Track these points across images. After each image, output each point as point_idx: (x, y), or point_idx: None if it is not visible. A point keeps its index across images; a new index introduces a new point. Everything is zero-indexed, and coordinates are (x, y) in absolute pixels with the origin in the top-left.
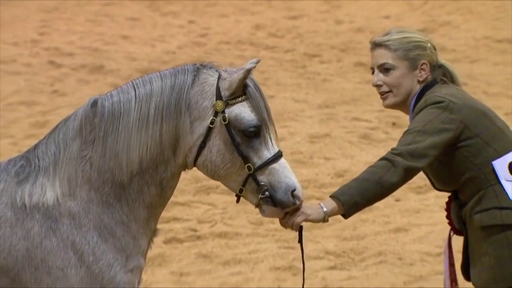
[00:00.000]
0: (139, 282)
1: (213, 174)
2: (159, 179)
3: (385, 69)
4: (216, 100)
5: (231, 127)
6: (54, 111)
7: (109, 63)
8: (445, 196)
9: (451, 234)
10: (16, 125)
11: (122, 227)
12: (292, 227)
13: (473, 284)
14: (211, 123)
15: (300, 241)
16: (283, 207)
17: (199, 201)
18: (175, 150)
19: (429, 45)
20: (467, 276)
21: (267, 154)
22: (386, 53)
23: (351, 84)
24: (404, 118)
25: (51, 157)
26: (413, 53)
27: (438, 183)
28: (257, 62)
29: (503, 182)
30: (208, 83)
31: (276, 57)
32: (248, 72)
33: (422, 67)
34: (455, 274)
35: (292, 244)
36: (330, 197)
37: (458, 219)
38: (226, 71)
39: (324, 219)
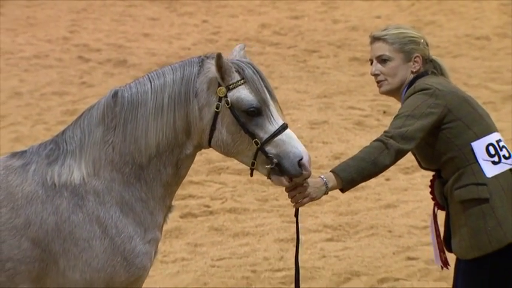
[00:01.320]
0: (155, 253)
1: (226, 152)
2: (175, 160)
3: (382, 60)
4: (219, 86)
5: (235, 109)
6: (82, 100)
7: (131, 58)
8: (429, 175)
9: (435, 209)
10: (49, 113)
11: (141, 203)
12: (296, 205)
13: (454, 253)
14: (217, 107)
15: (296, 215)
16: (291, 176)
17: (212, 180)
18: (189, 134)
19: (422, 40)
20: (449, 248)
21: (272, 128)
22: (384, 45)
23: (346, 77)
24: (394, 107)
25: (77, 141)
26: (408, 47)
27: (424, 162)
28: (243, 47)
29: (480, 161)
30: (211, 71)
31: (280, 52)
32: (218, 57)
33: (415, 59)
34: (442, 244)
35: (294, 219)
36: (330, 171)
37: (440, 196)
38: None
39: (325, 193)
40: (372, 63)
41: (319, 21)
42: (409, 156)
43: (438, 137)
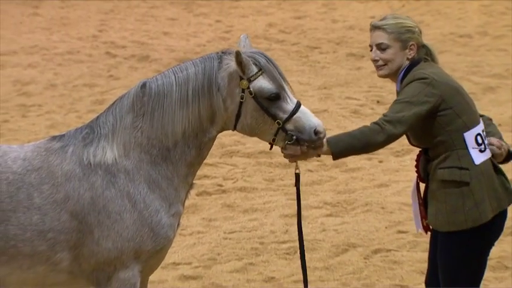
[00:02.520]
0: (178, 225)
1: (250, 133)
2: (198, 143)
3: (381, 47)
4: (241, 79)
5: (258, 97)
6: (110, 91)
7: (153, 53)
8: None
9: (418, 181)
10: (80, 102)
11: (167, 181)
12: (290, 160)
13: (428, 223)
14: (241, 98)
15: (297, 185)
16: (310, 143)
17: (224, 162)
18: (212, 122)
19: (417, 29)
20: (424, 215)
21: (289, 107)
22: (383, 34)
23: (344, 71)
24: (386, 97)
25: (110, 126)
26: (405, 36)
27: (414, 140)
28: (247, 37)
29: (470, 149)
30: (231, 66)
31: (285, 49)
32: (238, 55)
33: (411, 47)
34: (424, 212)
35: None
36: (326, 140)
37: (424, 171)
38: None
39: (318, 156)
40: (371, 49)
41: (320, 20)
42: (400, 140)
43: (431, 122)
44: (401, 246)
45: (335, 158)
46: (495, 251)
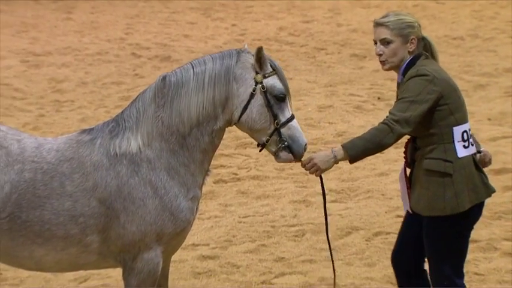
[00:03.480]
0: (197, 209)
1: (249, 128)
2: (210, 130)
3: (385, 42)
4: (256, 74)
5: (268, 93)
6: (135, 89)
7: (174, 54)
8: None
9: (405, 166)
10: (109, 99)
11: (184, 167)
12: (316, 175)
13: (411, 205)
14: (253, 90)
15: (322, 188)
16: (295, 156)
17: (239, 153)
18: (224, 109)
19: (416, 24)
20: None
21: (288, 114)
22: (386, 30)
23: (347, 70)
24: (387, 94)
25: (133, 119)
26: (406, 31)
27: None
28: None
29: (456, 143)
30: (249, 61)
31: (294, 50)
32: (259, 50)
33: (412, 41)
34: (410, 194)
35: (305, 184)
36: (341, 146)
37: (410, 157)
38: None
39: (335, 163)
40: (375, 44)
41: (326, 24)
42: None
43: (427, 116)
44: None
45: (352, 162)
46: (485, 234)
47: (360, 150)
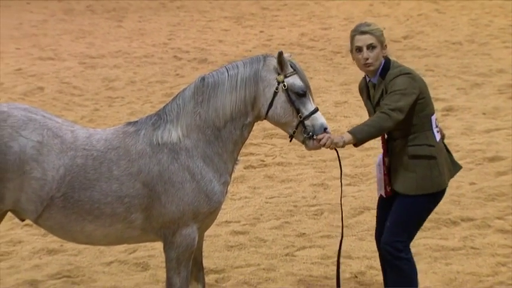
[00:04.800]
0: (226, 192)
1: (276, 122)
2: (241, 125)
3: (371, 47)
4: (278, 75)
5: (289, 90)
6: (176, 87)
7: (210, 57)
8: None
9: (383, 156)
10: (153, 95)
11: (218, 156)
12: (330, 148)
13: (396, 190)
14: (276, 89)
15: (339, 158)
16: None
17: (266, 142)
18: (253, 106)
19: (384, 32)
20: (388, 182)
21: (311, 107)
22: (371, 37)
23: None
24: None
25: (174, 113)
26: (382, 38)
27: None
28: (289, 55)
29: (433, 129)
30: (273, 64)
31: (314, 53)
32: (280, 54)
33: (385, 47)
34: (388, 180)
35: (324, 170)
36: (348, 132)
37: (389, 147)
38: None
39: (343, 146)
40: (359, 51)
41: (342, 31)
42: None
43: (410, 109)
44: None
45: (358, 145)
46: (480, 213)
47: (365, 134)
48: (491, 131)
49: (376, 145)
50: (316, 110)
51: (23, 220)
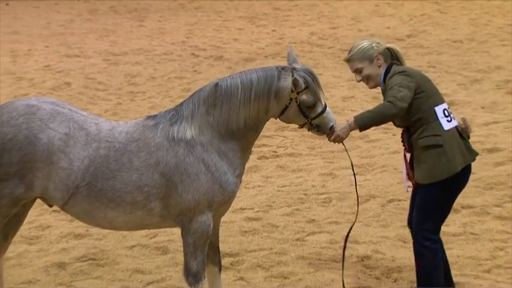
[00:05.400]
0: (240, 183)
1: (288, 122)
2: (255, 127)
3: (358, 71)
4: (292, 92)
5: (300, 105)
6: (194, 82)
7: (226, 54)
8: None
9: (405, 152)
10: (173, 90)
11: (232, 152)
12: (338, 142)
13: (416, 180)
14: (289, 103)
15: (347, 151)
16: (325, 133)
17: (278, 135)
18: (266, 114)
19: (374, 44)
20: (412, 176)
21: (319, 110)
22: (354, 63)
23: None
24: None
25: (190, 111)
26: (368, 54)
27: (399, 122)
28: (291, 48)
29: (440, 119)
30: (287, 82)
31: (323, 51)
32: (296, 80)
33: (377, 58)
34: (411, 174)
35: (332, 160)
36: (353, 117)
37: (408, 143)
38: (296, 69)
39: (350, 130)
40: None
41: (349, 30)
42: None
43: (412, 104)
44: (409, 197)
45: (361, 130)
46: (479, 201)
47: (368, 120)
48: (490, 124)
49: (382, 137)
50: (323, 110)
51: (51, 206)
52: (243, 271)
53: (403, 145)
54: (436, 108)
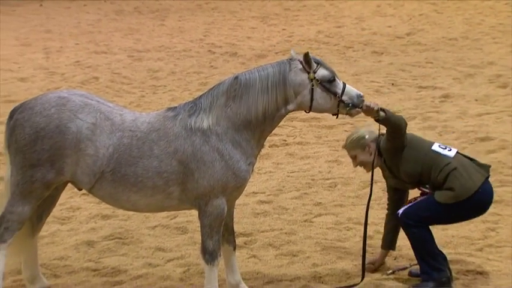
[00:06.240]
0: (252, 171)
1: (321, 111)
2: (272, 117)
3: (353, 158)
4: (308, 73)
5: (322, 82)
6: (211, 77)
7: (240, 51)
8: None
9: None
10: (191, 84)
11: (246, 142)
12: (372, 108)
13: (438, 199)
14: (312, 86)
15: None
16: (359, 105)
17: (287, 125)
18: (286, 104)
19: (366, 135)
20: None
21: (341, 85)
22: (349, 152)
23: (369, 63)
24: (398, 81)
25: (208, 103)
26: (359, 143)
27: (411, 184)
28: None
29: (441, 153)
30: (298, 67)
31: (329, 48)
32: (307, 55)
33: (368, 146)
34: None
35: (337, 148)
36: (381, 109)
37: (429, 189)
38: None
39: (379, 114)
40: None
41: (353, 29)
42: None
43: (413, 155)
44: None
45: (382, 122)
46: None
47: (392, 118)
48: (482, 115)
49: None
50: (345, 85)
51: (80, 190)
52: (256, 249)
53: (424, 193)
54: (432, 148)
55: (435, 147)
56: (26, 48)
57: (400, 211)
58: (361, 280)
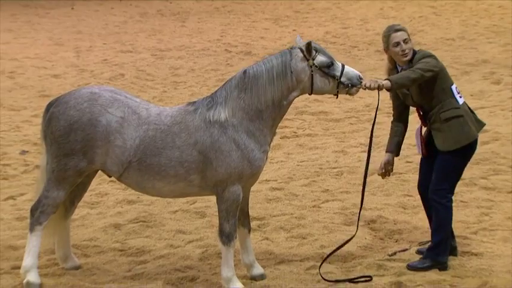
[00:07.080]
0: (266, 158)
1: (321, 93)
2: (280, 105)
3: (406, 41)
4: (307, 60)
5: (320, 68)
6: (227, 73)
7: (254, 50)
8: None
9: (421, 126)
10: (209, 80)
11: (259, 131)
12: (372, 88)
13: (437, 148)
14: (311, 71)
15: (378, 98)
16: (357, 85)
17: (297, 118)
18: (291, 91)
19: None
20: (426, 150)
21: (339, 68)
22: (405, 33)
23: (373, 61)
24: None
25: (223, 97)
26: (408, 33)
27: (417, 98)
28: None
29: (456, 96)
30: (299, 55)
31: (336, 47)
32: (309, 44)
33: (410, 40)
34: (424, 144)
35: (343, 140)
36: (386, 79)
37: (425, 118)
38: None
39: (381, 88)
40: (394, 46)
41: (358, 29)
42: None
43: (433, 84)
44: (409, 170)
45: (393, 88)
46: (468, 174)
47: (399, 81)
48: (477, 109)
49: (387, 120)
50: (343, 66)
51: (110, 177)
52: (268, 232)
53: (421, 119)
54: (452, 87)
55: (453, 87)
56: (58, 48)
57: (429, 194)
58: (361, 205)
